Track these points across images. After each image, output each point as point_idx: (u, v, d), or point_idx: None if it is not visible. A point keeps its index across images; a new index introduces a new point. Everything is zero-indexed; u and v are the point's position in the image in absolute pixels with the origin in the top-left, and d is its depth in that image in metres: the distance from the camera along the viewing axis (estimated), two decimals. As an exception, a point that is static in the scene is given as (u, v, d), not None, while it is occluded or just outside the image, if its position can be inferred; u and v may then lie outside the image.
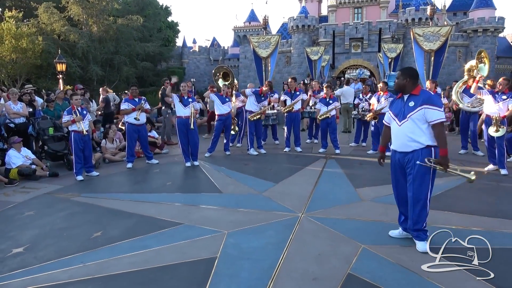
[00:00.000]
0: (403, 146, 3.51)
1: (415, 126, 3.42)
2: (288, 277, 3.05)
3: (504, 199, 5.03)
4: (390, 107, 3.78)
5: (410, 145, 3.46)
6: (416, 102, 3.43)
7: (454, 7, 43.66)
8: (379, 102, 8.05)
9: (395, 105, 3.69)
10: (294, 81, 8.96)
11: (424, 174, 3.43)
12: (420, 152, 3.42)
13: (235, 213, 4.60)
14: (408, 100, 3.50)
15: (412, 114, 3.42)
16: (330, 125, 8.39)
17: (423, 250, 3.37)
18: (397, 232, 3.80)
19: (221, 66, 10.13)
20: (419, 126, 3.41)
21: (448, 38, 12.10)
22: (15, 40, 24.43)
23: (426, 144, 3.41)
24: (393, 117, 3.63)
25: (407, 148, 3.48)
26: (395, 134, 3.62)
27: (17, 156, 6.68)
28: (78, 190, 5.84)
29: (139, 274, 3.15)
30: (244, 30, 46.27)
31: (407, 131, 3.45)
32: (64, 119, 6.56)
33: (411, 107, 3.45)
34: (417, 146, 3.43)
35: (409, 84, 3.49)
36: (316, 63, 24.74)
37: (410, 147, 3.46)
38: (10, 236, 4.07)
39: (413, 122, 3.42)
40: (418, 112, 3.39)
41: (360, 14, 41.07)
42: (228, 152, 8.42)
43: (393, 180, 3.76)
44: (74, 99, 6.72)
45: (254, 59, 14.47)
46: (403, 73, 3.55)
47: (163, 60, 43.68)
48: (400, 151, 3.56)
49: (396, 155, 3.63)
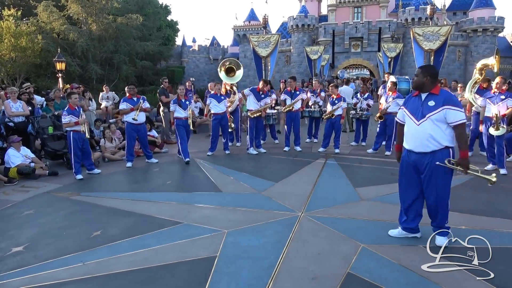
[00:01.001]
0: (421, 146, 3.42)
1: (434, 126, 3.34)
2: (287, 276, 3.05)
3: (503, 198, 5.04)
4: (405, 104, 3.66)
5: (428, 146, 3.38)
6: (436, 101, 3.34)
7: (454, 7, 43.69)
8: (387, 102, 8.01)
9: (411, 103, 3.57)
10: (294, 81, 8.95)
11: (447, 174, 3.42)
12: (440, 153, 3.37)
13: (234, 212, 4.61)
14: (428, 99, 3.41)
15: (432, 114, 3.33)
16: (335, 124, 8.37)
17: (441, 244, 3.35)
18: (397, 231, 3.79)
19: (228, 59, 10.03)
20: (439, 126, 3.33)
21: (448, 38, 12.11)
22: (14, 39, 24.38)
23: (445, 145, 3.36)
24: (409, 115, 3.53)
25: (425, 148, 3.40)
26: (411, 134, 3.51)
27: (16, 155, 6.67)
28: (78, 189, 5.84)
29: (138, 273, 3.15)
30: (244, 29, 46.27)
31: (426, 131, 3.37)
32: (65, 119, 6.42)
33: (431, 107, 3.35)
34: (436, 146, 3.36)
35: (428, 82, 3.39)
36: (316, 63, 24.74)
37: (428, 148, 3.39)
38: (9, 235, 4.07)
39: (433, 122, 3.34)
40: (439, 113, 3.31)
41: (359, 14, 41.07)
42: (227, 151, 8.42)
43: (403, 180, 3.68)
44: (73, 98, 6.60)
45: (254, 58, 14.46)
46: (423, 70, 3.43)
47: (162, 59, 43.63)
48: (417, 151, 3.46)
49: (411, 156, 3.54)
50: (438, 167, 3.38)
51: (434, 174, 3.43)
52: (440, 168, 3.38)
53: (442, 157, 3.37)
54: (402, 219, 3.75)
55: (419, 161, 3.48)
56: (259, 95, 8.43)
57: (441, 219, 3.54)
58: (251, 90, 8.52)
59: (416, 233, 3.72)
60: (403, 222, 3.75)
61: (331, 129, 8.44)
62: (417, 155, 3.48)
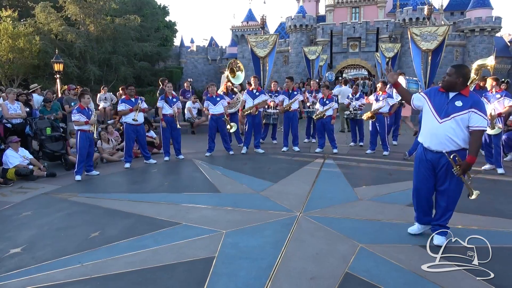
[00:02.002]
0: (439, 145, 3.40)
1: (457, 127, 3.31)
2: (286, 276, 3.06)
3: (501, 198, 5.06)
4: (430, 97, 3.53)
5: (448, 145, 3.36)
6: (464, 103, 3.29)
7: (451, 7, 43.81)
8: (377, 102, 8.06)
9: (437, 98, 3.47)
10: (291, 81, 8.95)
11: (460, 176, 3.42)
12: (458, 154, 3.36)
13: (233, 212, 4.61)
14: (455, 99, 3.35)
15: (457, 115, 3.29)
16: (326, 125, 8.36)
17: (440, 243, 3.36)
18: (416, 228, 3.79)
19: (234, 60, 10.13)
20: (462, 128, 3.31)
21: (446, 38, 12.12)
22: (12, 40, 24.36)
23: (463, 146, 3.36)
24: (432, 111, 3.45)
25: (444, 147, 3.38)
26: (431, 132, 3.45)
27: (15, 156, 6.66)
28: (76, 190, 5.83)
29: (137, 274, 3.14)
30: (242, 30, 46.33)
31: (448, 130, 3.34)
32: (75, 117, 6.46)
33: (458, 107, 3.31)
34: (455, 147, 3.35)
35: (460, 83, 3.33)
36: (314, 63, 24.76)
37: (447, 147, 3.36)
38: (7, 236, 4.06)
39: (457, 123, 3.31)
40: (464, 115, 3.27)
41: (357, 14, 41.18)
42: (231, 152, 8.40)
43: (417, 180, 3.64)
44: (86, 98, 6.68)
45: (252, 58, 14.45)
46: (457, 71, 3.34)
47: (161, 60, 43.64)
48: (435, 150, 3.43)
49: (428, 155, 3.51)
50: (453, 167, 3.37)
51: (450, 176, 3.43)
52: None
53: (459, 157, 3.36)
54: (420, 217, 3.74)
55: (436, 161, 3.46)
56: (253, 94, 8.44)
57: (446, 219, 3.56)
58: (245, 93, 8.56)
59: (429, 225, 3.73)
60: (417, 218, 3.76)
61: (323, 129, 8.45)
62: (435, 154, 3.45)
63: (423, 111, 3.59)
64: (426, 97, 3.57)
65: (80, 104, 6.68)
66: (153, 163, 7.64)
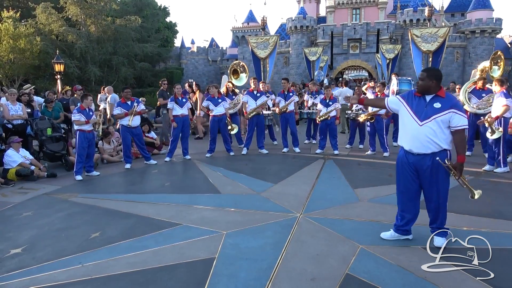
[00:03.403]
0: (421, 147, 3.40)
1: (438, 128, 3.34)
2: (286, 277, 3.06)
3: (502, 200, 5.05)
4: (407, 102, 3.54)
5: (429, 147, 3.38)
6: (443, 104, 3.33)
7: (452, 8, 43.86)
8: None
9: (414, 102, 3.49)
10: (288, 82, 8.97)
11: (446, 177, 3.44)
12: (439, 155, 3.38)
13: (233, 213, 4.61)
14: (433, 101, 3.38)
15: (438, 116, 3.32)
16: (330, 126, 8.37)
17: (440, 245, 3.36)
18: (389, 234, 3.76)
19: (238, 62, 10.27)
20: (442, 129, 3.34)
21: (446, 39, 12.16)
22: (13, 41, 24.39)
23: (444, 147, 3.37)
24: (412, 114, 3.46)
25: (425, 149, 3.39)
26: (412, 134, 3.45)
27: (16, 155, 6.67)
28: (77, 191, 5.84)
29: (137, 275, 3.15)
30: (243, 31, 46.35)
31: (429, 132, 3.36)
32: (75, 117, 6.56)
33: (437, 109, 3.34)
34: (436, 148, 3.37)
35: (434, 85, 3.37)
36: (314, 64, 24.79)
37: (429, 149, 3.38)
38: (8, 236, 4.07)
39: (437, 124, 3.33)
40: (445, 115, 3.30)
41: (358, 15, 41.22)
42: (232, 153, 8.42)
43: (402, 182, 3.65)
44: (88, 100, 6.78)
45: (253, 59, 14.50)
46: (429, 74, 3.38)
47: (161, 61, 43.69)
48: (417, 152, 3.44)
49: (410, 158, 3.51)
50: (439, 170, 3.39)
51: (435, 177, 3.43)
52: (440, 171, 3.40)
53: (441, 158, 3.39)
54: (402, 222, 3.70)
55: (419, 163, 3.47)
56: (254, 95, 8.46)
57: (442, 219, 3.56)
58: (246, 95, 8.57)
59: (408, 235, 3.72)
60: (398, 224, 3.72)
61: (326, 130, 8.45)
62: (417, 157, 3.47)
63: (400, 114, 3.62)
64: (403, 100, 3.60)
65: (81, 105, 6.75)
66: (153, 164, 7.65)
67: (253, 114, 8.36)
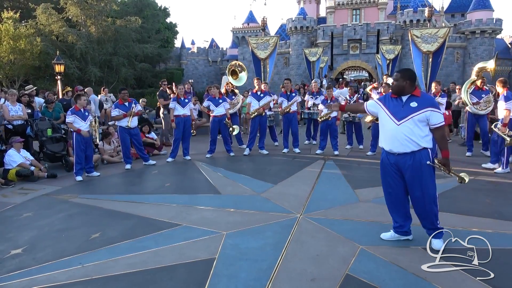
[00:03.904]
0: (401, 147, 3.43)
1: (415, 127, 3.37)
2: (286, 278, 3.06)
3: (501, 200, 5.05)
4: (384, 104, 3.61)
5: (408, 146, 3.40)
6: (419, 103, 3.37)
7: (452, 9, 43.87)
8: None
9: (391, 103, 3.54)
10: (290, 82, 8.98)
11: (430, 173, 3.44)
12: (419, 154, 3.40)
13: (233, 214, 4.61)
14: (409, 101, 3.43)
15: (415, 115, 3.36)
16: (331, 126, 8.39)
17: (438, 248, 3.35)
18: (389, 234, 3.77)
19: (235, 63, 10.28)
20: (420, 127, 3.37)
21: (446, 40, 12.15)
22: (13, 41, 24.41)
23: (423, 146, 3.39)
24: (389, 115, 3.51)
25: (405, 148, 3.42)
26: (390, 134, 3.49)
27: (17, 156, 6.68)
28: (77, 192, 5.84)
29: (138, 275, 3.15)
30: (243, 31, 46.36)
31: (407, 131, 3.39)
32: (69, 119, 6.53)
33: (414, 108, 3.38)
34: (415, 147, 3.40)
35: (408, 86, 3.42)
36: (315, 64, 24.81)
37: (408, 148, 3.41)
38: (8, 237, 4.07)
39: (414, 123, 3.37)
40: (422, 114, 3.34)
41: (358, 16, 41.22)
42: (232, 154, 8.42)
43: (386, 184, 3.67)
44: (82, 100, 6.73)
45: (253, 60, 14.50)
46: (403, 75, 3.44)
47: (161, 61, 43.71)
48: (397, 152, 3.47)
49: (391, 158, 3.54)
50: (420, 167, 3.40)
51: (417, 175, 3.44)
52: (422, 167, 3.40)
53: (421, 157, 3.39)
54: (396, 225, 3.73)
55: (400, 163, 3.48)
56: (257, 96, 8.47)
57: (431, 219, 3.52)
58: (250, 96, 8.60)
59: (408, 236, 3.72)
60: (394, 226, 3.74)
61: (327, 131, 8.46)
62: (397, 156, 3.49)
63: (379, 117, 3.68)
64: (380, 103, 3.67)
65: (75, 105, 6.70)
66: (152, 164, 7.64)
67: (255, 114, 8.37)
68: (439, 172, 3.50)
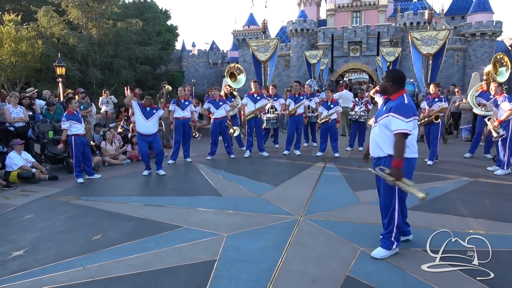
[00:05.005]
0: (372, 150, 3.42)
1: (381, 132, 3.30)
2: (287, 279, 3.07)
3: (500, 201, 5.07)
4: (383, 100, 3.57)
5: (376, 151, 3.37)
6: (388, 107, 3.28)
7: (452, 11, 43.93)
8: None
9: (382, 104, 3.51)
10: (299, 85, 8.98)
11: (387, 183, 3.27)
12: (384, 161, 3.30)
13: (234, 216, 4.63)
14: (385, 103, 3.37)
15: (381, 119, 3.31)
16: (331, 129, 8.40)
17: (377, 256, 3.34)
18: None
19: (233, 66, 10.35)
20: (385, 132, 3.27)
21: (446, 42, 12.19)
22: (15, 44, 24.46)
23: (388, 153, 3.27)
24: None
25: (374, 153, 3.40)
26: (370, 137, 3.48)
27: (18, 158, 6.70)
28: (78, 193, 5.86)
29: (139, 277, 3.17)
30: (243, 34, 46.47)
31: (375, 135, 3.37)
32: (64, 125, 6.47)
33: (383, 111, 3.32)
34: (381, 153, 3.32)
35: (391, 88, 3.30)
36: (315, 67, 24.86)
37: (375, 153, 3.38)
38: (10, 239, 4.08)
39: (380, 127, 3.31)
40: (385, 119, 3.26)
41: (358, 18, 41.31)
42: (232, 155, 8.44)
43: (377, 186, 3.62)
44: (73, 103, 6.63)
45: (253, 62, 14.52)
46: (387, 75, 3.37)
47: (162, 64, 43.76)
48: (372, 155, 3.46)
49: (373, 161, 3.49)
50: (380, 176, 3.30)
51: (379, 181, 3.43)
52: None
53: (384, 165, 3.27)
54: None
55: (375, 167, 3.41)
56: (254, 98, 8.48)
57: (387, 227, 3.43)
58: (246, 97, 8.61)
59: (407, 236, 3.72)
60: None
61: (327, 133, 8.47)
62: (374, 160, 3.45)
63: None
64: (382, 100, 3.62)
65: (68, 110, 6.57)
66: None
67: (250, 116, 8.39)
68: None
